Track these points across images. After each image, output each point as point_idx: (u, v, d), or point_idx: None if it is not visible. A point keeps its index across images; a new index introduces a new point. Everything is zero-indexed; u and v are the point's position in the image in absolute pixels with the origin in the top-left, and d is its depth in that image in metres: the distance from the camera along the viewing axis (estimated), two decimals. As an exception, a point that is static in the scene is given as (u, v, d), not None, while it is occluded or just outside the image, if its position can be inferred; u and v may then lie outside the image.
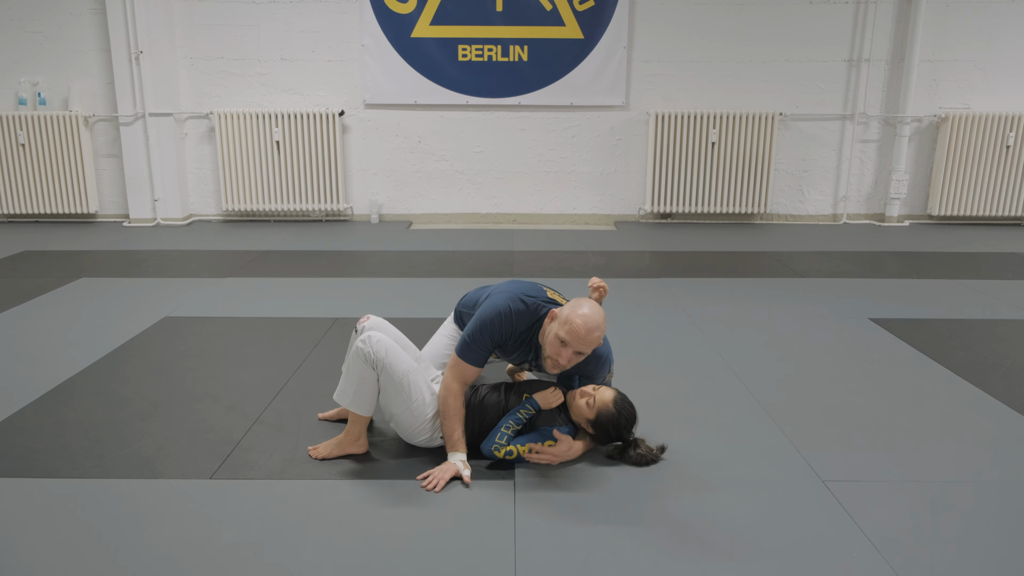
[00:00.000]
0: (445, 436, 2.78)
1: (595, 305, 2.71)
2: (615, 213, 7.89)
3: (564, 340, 2.66)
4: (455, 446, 2.74)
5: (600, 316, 2.69)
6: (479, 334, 2.79)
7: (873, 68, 7.48)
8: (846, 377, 3.67)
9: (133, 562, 2.21)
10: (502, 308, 2.79)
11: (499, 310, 2.79)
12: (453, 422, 2.76)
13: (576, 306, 2.69)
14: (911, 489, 2.65)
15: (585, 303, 2.70)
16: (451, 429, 2.76)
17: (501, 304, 2.80)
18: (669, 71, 7.50)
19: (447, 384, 2.80)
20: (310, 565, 2.20)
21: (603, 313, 2.71)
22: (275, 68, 7.45)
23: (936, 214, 7.73)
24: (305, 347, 4.04)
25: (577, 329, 2.63)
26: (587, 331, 2.64)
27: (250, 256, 6.18)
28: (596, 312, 2.68)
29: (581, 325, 2.63)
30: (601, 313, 2.70)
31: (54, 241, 6.74)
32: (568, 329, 2.65)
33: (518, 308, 2.81)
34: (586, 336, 2.64)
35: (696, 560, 2.24)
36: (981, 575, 2.17)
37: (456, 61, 7.40)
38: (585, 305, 2.69)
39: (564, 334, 2.66)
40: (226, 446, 2.94)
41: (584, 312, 2.66)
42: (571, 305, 2.71)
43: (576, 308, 2.68)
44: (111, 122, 7.51)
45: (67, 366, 3.76)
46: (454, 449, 2.74)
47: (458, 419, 2.77)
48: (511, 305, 2.80)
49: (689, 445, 2.96)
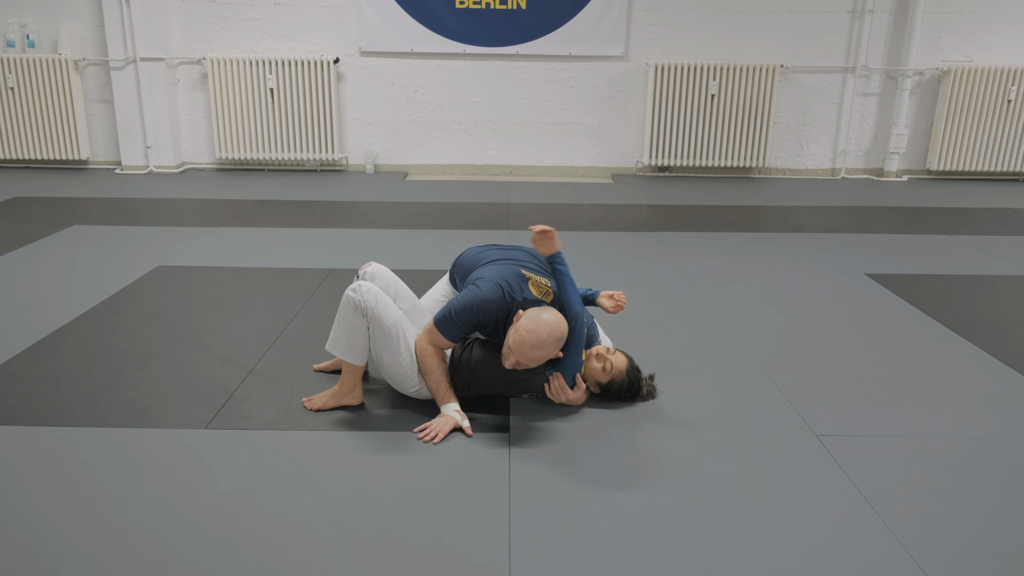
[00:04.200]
0: (433, 390, 2.76)
1: (553, 322, 2.61)
2: (612, 166, 7.83)
3: (510, 348, 2.63)
4: (445, 398, 2.74)
5: (551, 336, 2.59)
6: (460, 314, 2.74)
7: (876, 19, 7.37)
8: (841, 332, 3.68)
9: (129, 511, 2.21)
10: (486, 295, 2.75)
11: (483, 297, 2.74)
12: (438, 375, 2.75)
13: (534, 317, 2.61)
14: (904, 444, 2.67)
15: (545, 318, 2.60)
16: (437, 382, 2.75)
17: (486, 291, 2.76)
18: (669, 21, 7.38)
19: (421, 346, 2.77)
20: (305, 514, 2.22)
21: (559, 332, 2.62)
22: (269, 13, 7.31)
23: (935, 169, 7.69)
24: (300, 298, 4.03)
25: (521, 342, 2.59)
26: (530, 347, 2.59)
27: (244, 205, 6.13)
28: (547, 331, 2.59)
29: (525, 339, 2.58)
30: (556, 332, 2.61)
31: (45, 187, 6.67)
32: (515, 340, 2.61)
33: (498, 297, 2.75)
34: (528, 352, 2.60)
35: (689, 512, 2.25)
36: (972, 529, 2.20)
37: (454, 8, 7.26)
38: (544, 320, 2.60)
39: (511, 342, 2.62)
40: (221, 396, 2.94)
41: (532, 328, 2.59)
42: (531, 315, 2.63)
43: (532, 319, 2.61)
44: (102, 66, 7.38)
45: (60, 314, 3.74)
46: (445, 401, 2.73)
47: (441, 371, 2.75)
48: (494, 293, 2.75)
49: (683, 399, 2.97)
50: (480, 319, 2.76)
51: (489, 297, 2.75)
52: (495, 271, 2.88)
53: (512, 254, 3.09)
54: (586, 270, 4.56)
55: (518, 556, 2.05)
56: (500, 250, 3.12)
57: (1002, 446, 2.66)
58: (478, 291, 2.77)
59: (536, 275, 2.92)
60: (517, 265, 2.95)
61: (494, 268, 2.91)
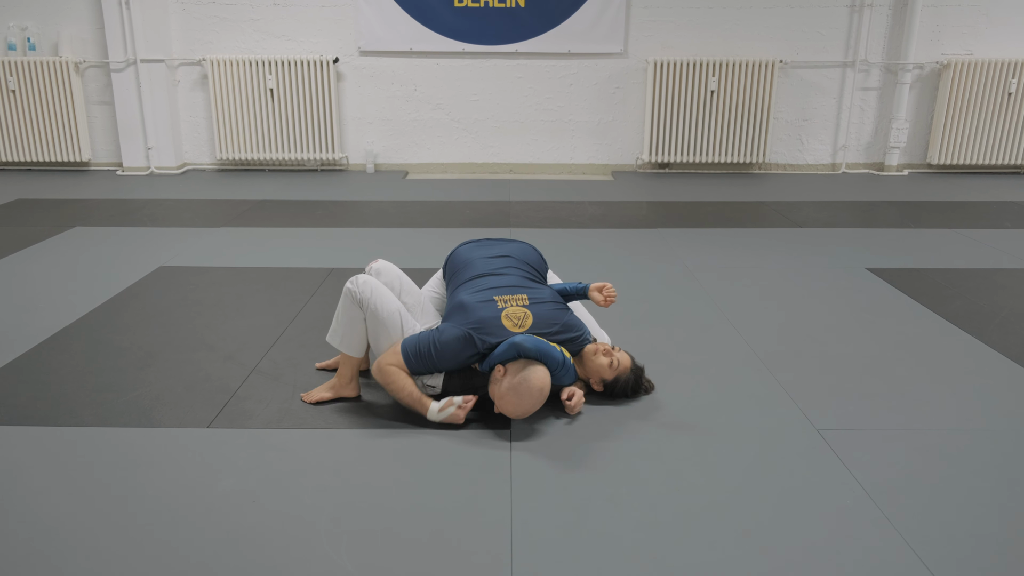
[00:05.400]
0: (410, 404, 2.72)
1: (535, 388, 2.61)
2: (612, 163, 7.83)
3: (497, 405, 2.68)
4: (423, 403, 2.71)
5: (537, 398, 2.62)
6: (427, 356, 2.71)
7: (875, 13, 7.37)
8: (842, 327, 3.68)
9: (132, 510, 2.22)
10: (455, 346, 2.70)
11: (453, 348, 2.70)
12: (408, 388, 2.71)
13: (515, 389, 2.61)
14: (905, 437, 2.67)
15: (527, 386, 2.60)
16: (410, 395, 2.71)
17: (456, 342, 2.70)
18: (668, 17, 7.37)
19: (387, 361, 2.73)
20: (307, 511, 2.22)
21: (544, 393, 2.63)
22: (268, 13, 7.32)
23: (936, 163, 7.68)
24: (301, 297, 4.03)
25: (507, 409, 2.65)
26: (516, 414, 2.65)
27: (245, 206, 6.14)
28: (530, 400, 2.62)
29: (511, 410, 2.64)
30: (541, 394, 2.63)
31: (47, 189, 6.69)
32: (501, 403, 2.65)
33: (465, 347, 2.71)
34: (515, 414, 2.65)
35: (689, 506, 2.26)
36: (972, 521, 2.20)
37: (453, 7, 7.27)
38: (526, 390, 2.60)
39: (497, 402, 2.67)
40: (223, 395, 2.95)
41: (516, 401, 2.62)
42: (513, 387, 2.61)
43: (515, 392, 2.61)
44: (102, 68, 7.40)
45: (62, 315, 3.75)
46: (426, 405, 2.71)
47: (410, 383, 2.72)
48: (462, 345, 2.70)
49: (684, 394, 2.98)
50: (446, 367, 2.75)
51: (456, 349, 2.70)
52: (470, 307, 2.81)
53: (495, 266, 3.05)
54: (587, 267, 4.56)
55: (519, 551, 2.06)
56: (487, 259, 3.08)
57: (1003, 439, 2.66)
58: (446, 343, 2.70)
59: (514, 295, 2.87)
60: (494, 291, 2.89)
61: (470, 298, 2.85)
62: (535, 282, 3.05)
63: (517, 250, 3.17)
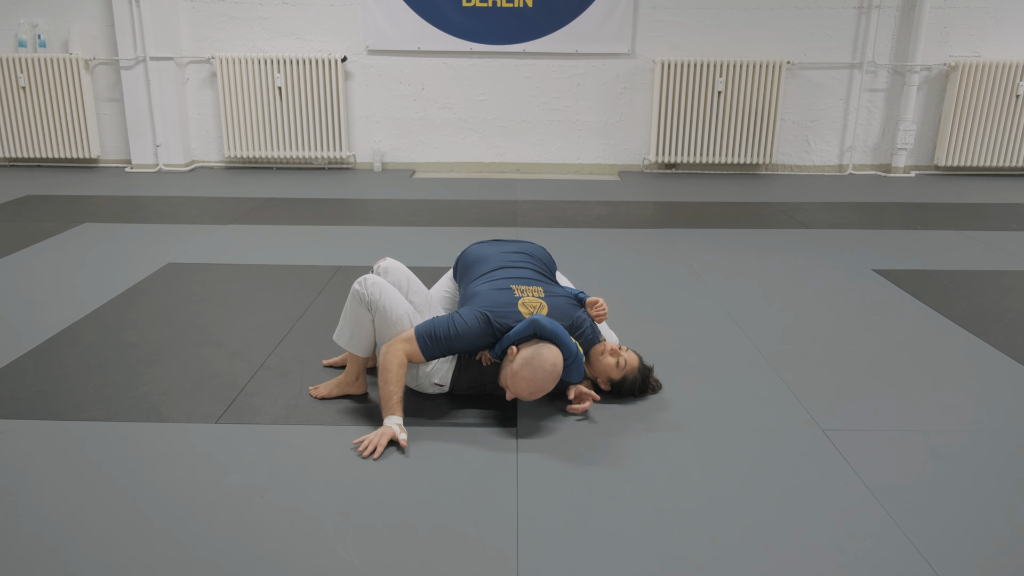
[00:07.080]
0: (383, 398, 2.67)
1: (548, 366, 2.63)
2: (619, 163, 7.83)
3: (508, 386, 2.69)
4: (393, 409, 2.65)
5: (548, 377, 2.64)
6: (444, 338, 2.71)
7: (883, 15, 7.36)
8: (848, 327, 3.68)
9: (140, 504, 2.24)
10: (471, 328, 2.71)
11: (469, 328, 2.71)
12: (393, 386, 2.66)
13: (529, 363, 2.63)
14: (910, 438, 2.67)
15: (540, 363, 2.62)
16: (390, 392, 2.66)
17: (472, 324, 2.72)
18: (676, 17, 7.38)
19: (394, 351, 2.70)
20: (314, 507, 2.24)
21: (556, 372, 2.65)
22: (277, 12, 7.34)
23: (943, 164, 7.67)
24: (308, 295, 4.05)
25: (518, 388, 2.66)
26: (528, 393, 2.66)
27: (253, 203, 6.16)
28: (543, 377, 2.63)
29: (522, 388, 2.65)
30: (552, 373, 2.64)
31: (56, 186, 6.72)
32: (512, 382, 2.66)
33: (482, 331, 2.72)
34: (526, 395, 2.67)
35: (694, 504, 2.27)
36: (978, 522, 2.21)
37: (461, 6, 7.28)
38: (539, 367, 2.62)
39: (508, 383, 2.68)
40: (231, 391, 2.97)
41: (530, 376, 2.63)
42: (527, 360, 2.63)
43: (529, 367, 2.62)
44: (112, 66, 7.43)
45: (71, 311, 3.78)
46: (391, 412, 2.64)
47: (399, 384, 2.68)
48: (479, 327, 2.72)
49: (690, 394, 2.99)
50: (461, 349, 2.76)
51: (474, 329, 2.71)
52: (487, 293, 2.84)
53: (510, 259, 3.08)
54: (593, 267, 4.57)
55: (526, 547, 2.07)
56: (502, 253, 3.11)
57: (1008, 440, 2.67)
58: (464, 324, 2.72)
59: (530, 286, 2.90)
60: (511, 280, 2.92)
61: (487, 287, 2.88)
62: (549, 279, 3.09)
63: (530, 248, 3.19)
